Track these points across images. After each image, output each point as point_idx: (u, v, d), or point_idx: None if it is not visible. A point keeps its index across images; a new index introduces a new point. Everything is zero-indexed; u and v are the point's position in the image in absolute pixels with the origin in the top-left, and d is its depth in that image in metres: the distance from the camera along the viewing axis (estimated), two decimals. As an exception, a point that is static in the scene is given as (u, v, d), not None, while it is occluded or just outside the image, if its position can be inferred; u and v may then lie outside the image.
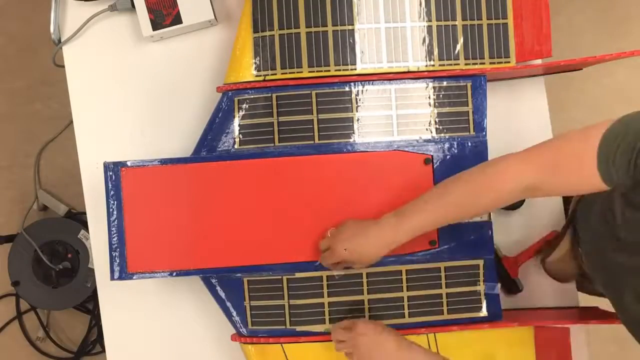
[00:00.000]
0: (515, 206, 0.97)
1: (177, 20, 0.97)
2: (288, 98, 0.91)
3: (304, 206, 0.91)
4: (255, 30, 0.92)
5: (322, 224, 0.90)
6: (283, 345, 0.90)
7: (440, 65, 0.93)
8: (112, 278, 0.91)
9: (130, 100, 1.01)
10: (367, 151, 0.91)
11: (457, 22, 0.93)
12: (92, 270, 1.51)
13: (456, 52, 0.93)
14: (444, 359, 0.77)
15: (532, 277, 0.99)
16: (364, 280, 0.91)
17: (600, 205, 0.79)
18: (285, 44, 0.92)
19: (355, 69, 0.92)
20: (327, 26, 0.92)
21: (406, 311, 0.90)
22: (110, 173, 0.91)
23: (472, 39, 0.93)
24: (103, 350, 0.99)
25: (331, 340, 0.88)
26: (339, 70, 0.92)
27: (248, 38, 0.92)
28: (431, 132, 0.92)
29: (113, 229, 0.91)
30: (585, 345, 0.98)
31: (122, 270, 0.91)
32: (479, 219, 0.92)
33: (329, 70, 0.92)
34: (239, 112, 0.91)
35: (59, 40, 1.01)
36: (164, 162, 0.91)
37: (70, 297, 1.59)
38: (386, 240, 0.81)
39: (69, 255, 1.57)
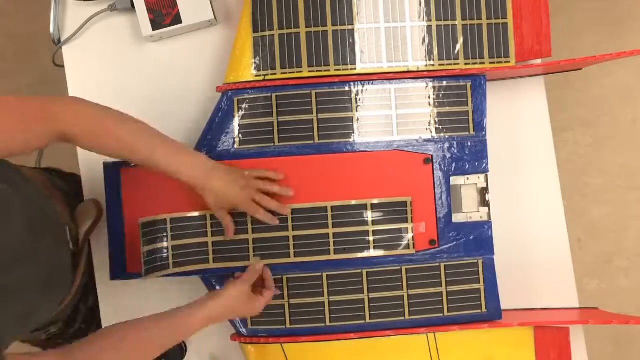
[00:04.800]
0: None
1: (177, 20, 0.97)
2: (288, 98, 0.91)
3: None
4: (255, 30, 0.92)
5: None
6: (283, 345, 0.90)
7: (440, 65, 0.93)
8: (112, 278, 0.91)
9: (130, 100, 1.00)
10: (367, 151, 0.91)
11: (457, 22, 0.93)
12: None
13: (456, 51, 0.93)
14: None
15: (532, 277, 0.99)
16: (364, 279, 0.91)
17: None
18: (285, 43, 0.92)
19: (355, 69, 0.92)
20: (327, 26, 0.92)
21: (406, 310, 0.90)
22: (110, 173, 0.91)
23: (472, 39, 0.93)
24: (103, 350, 1.00)
25: (332, 340, 0.89)
26: (339, 70, 0.92)
27: (248, 38, 0.92)
28: (431, 132, 0.92)
29: (113, 229, 0.91)
30: (584, 345, 0.98)
31: (122, 270, 0.91)
32: (479, 218, 0.92)
33: (328, 70, 0.92)
34: (238, 112, 0.91)
35: (59, 40, 1.01)
36: (164, 162, 0.91)
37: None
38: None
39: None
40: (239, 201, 0.86)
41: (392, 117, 0.92)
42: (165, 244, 0.89)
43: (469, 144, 0.92)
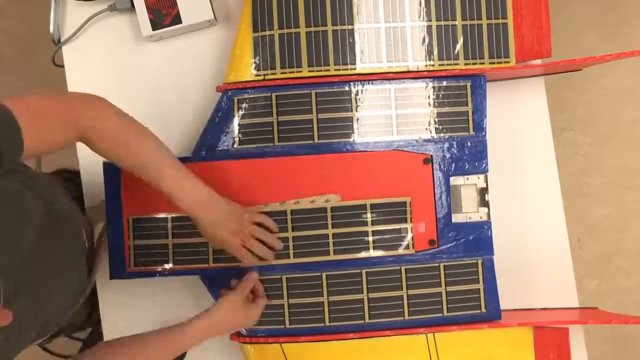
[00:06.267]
0: None
1: (177, 20, 0.97)
2: (288, 97, 0.91)
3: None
4: (255, 30, 0.92)
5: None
6: (282, 345, 0.90)
7: (440, 65, 0.93)
8: (112, 277, 0.91)
9: (130, 100, 1.00)
10: (367, 151, 0.91)
11: (457, 22, 0.93)
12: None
13: (456, 52, 0.93)
14: None
15: (532, 277, 0.99)
16: (364, 279, 0.91)
17: None
18: (285, 43, 0.92)
19: (355, 69, 0.92)
20: (326, 26, 0.92)
21: (406, 310, 0.90)
22: (110, 173, 0.91)
23: (472, 39, 0.93)
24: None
25: (332, 340, 0.89)
26: (339, 69, 0.92)
27: (248, 37, 0.92)
28: (431, 132, 0.92)
29: (113, 228, 0.91)
30: (584, 345, 0.98)
31: (122, 270, 0.91)
32: (478, 218, 0.92)
33: (328, 70, 0.92)
34: (238, 111, 0.91)
35: (59, 40, 1.01)
36: (164, 161, 0.91)
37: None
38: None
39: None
40: (227, 245, 0.84)
41: (391, 117, 0.92)
42: (165, 242, 0.89)
43: (469, 144, 0.92)
